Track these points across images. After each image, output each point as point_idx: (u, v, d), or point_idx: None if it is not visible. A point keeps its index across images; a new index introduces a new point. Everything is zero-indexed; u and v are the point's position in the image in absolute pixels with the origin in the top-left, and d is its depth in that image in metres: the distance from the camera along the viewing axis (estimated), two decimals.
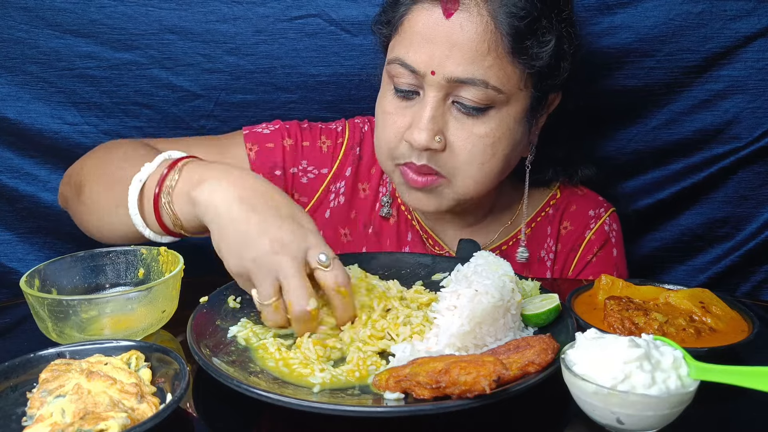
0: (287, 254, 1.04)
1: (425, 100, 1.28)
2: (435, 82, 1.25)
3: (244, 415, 0.94)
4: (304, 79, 1.71)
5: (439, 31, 1.24)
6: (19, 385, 0.93)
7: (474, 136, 1.29)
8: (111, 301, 1.08)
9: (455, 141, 1.29)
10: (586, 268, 1.53)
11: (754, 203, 1.72)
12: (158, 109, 1.74)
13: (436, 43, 1.24)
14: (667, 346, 0.89)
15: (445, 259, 1.36)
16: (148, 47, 1.67)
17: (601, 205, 1.57)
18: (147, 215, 1.19)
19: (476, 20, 1.23)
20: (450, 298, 1.04)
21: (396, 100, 1.33)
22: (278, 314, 1.06)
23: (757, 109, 1.64)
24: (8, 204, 1.74)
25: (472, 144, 1.29)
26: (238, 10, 1.66)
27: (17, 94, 1.69)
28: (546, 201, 1.56)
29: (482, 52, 1.23)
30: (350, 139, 1.56)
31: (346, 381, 0.97)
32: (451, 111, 1.29)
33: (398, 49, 1.30)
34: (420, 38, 1.26)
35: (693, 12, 1.59)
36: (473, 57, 1.23)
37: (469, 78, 1.24)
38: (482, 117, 1.28)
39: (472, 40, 1.23)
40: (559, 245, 1.54)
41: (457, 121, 1.29)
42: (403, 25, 1.30)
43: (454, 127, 1.29)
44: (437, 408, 0.86)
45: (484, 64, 1.23)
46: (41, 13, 1.64)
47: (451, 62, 1.23)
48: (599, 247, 1.53)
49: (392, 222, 1.55)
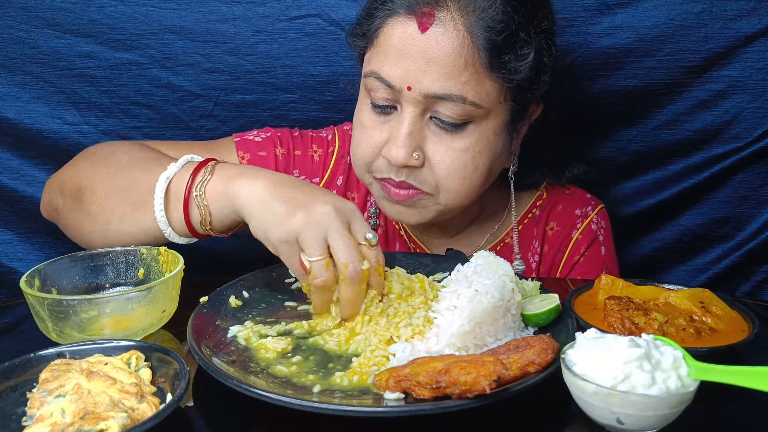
0: (339, 216, 1.06)
1: (402, 115, 1.26)
2: (411, 98, 1.23)
3: (244, 415, 0.94)
4: (304, 79, 1.71)
5: (414, 46, 1.21)
6: (19, 385, 0.93)
7: (453, 151, 1.26)
8: (111, 301, 1.08)
9: (434, 156, 1.27)
10: (574, 268, 1.52)
11: (755, 203, 1.72)
12: (158, 109, 1.74)
13: (412, 57, 1.21)
14: (667, 346, 0.89)
15: (446, 258, 1.36)
16: (147, 47, 1.68)
17: (588, 203, 1.56)
18: (172, 214, 1.20)
19: (452, 35, 1.20)
20: (450, 298, 1.04)
21: (373, 114, 1.31)
22: (329, 272, 1.06)
23: (757, 109, 1.64)
24: (8, 204, 1.74)
25: (451, 159, 1.27)
26: (238, 10, 1.67)
27: (17, 94, 1.69)
28: (532, 202, 1.55)
29: (459, 67, 1.20)
30: (341, 147, 1.55)
31: (350, 382, 0.97)
32: (429, 126, 1.27)
33: (374, 62, 1.27)
34: (395, 52, 1.23)
35: (693, 12, 1.59)
36: (450, 72, 1.20)
37: (446, 94, 1.21)
38: (461, 132, 1.26)
39: (449, 54, 1.20)
40: (546, 246, 1.53)
41: (436, 137, 1.27)
42: (378, 38, 1.27)
43: (433, 143, 1.27)
44: (437, 408, 0.86)
45: (461, 79, 1.21)
46: (41, 13, 1.64)
47: (428, 78, 1.21)
48: (586, 246, 1.51)
49: (380, 232, 1.55)
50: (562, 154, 1.54)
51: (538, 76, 1.29)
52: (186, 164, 1.21)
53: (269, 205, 1.09)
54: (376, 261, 1.10)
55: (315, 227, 1.06)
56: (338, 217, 1.07)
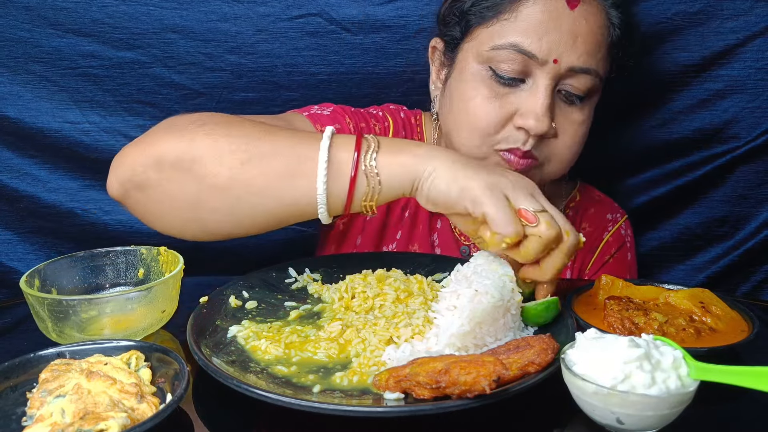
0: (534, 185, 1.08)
1: (538, 87, 1.29)
2: (553, 70, 1.28)
3: (244, 415, 0.94)
4: (305, 77, 1.71)
5: (563, 21, 1.27)
6: (19, 385, 0.93)
7: (574, 124, 1.34)
8: (111, 301, 1.08)
9: (560, 127, 1.33)
10: (603, 268, 1.56)
11: (753, 202, 1.72)
12: (160, 108, 1.74)
13: (560, 32, 1.26)
14: (667, 346, 0.89)
15: (446, 258, 1.36)
16: (149, 46, 1.68)
17: (618, 211, 1.62)
18: (334, 185, 1.09)
19: (597, 13, 1.29)
20: (450, 298, 1.04)
21: (495, 85, 1.32)
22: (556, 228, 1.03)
23: (756, 108, 1.64)
24: (8, 204, 1.74)
25: (573, 131, 1.34)
26: (239, 9, 1.67)
27: (19, 92, 1.69)
28: (566, 204, 1.58)
29: (600, 43, 1.30)
30: (395, 123, 1.55)
31: (350, 382, 0.97)
32: (556, 99, 1.32)
33: (512, 34, 1.29)
34: (542, 26, 1.27)
35: (690, 11, 1.60)
36: (594, 48, 1.29)
37: (588, 68, 1.29)
38: (581, 105, 1.34)
39: (594, 32, 1.28)
40: None
41: (560, 109, 1.33)
42: (516, 11, 1.29)
43: (559, 115, 1.33)
44: (437, 408, 0.86)
45: (599, 55, 1.30)
46: (43, 13, 1.64)
47: (575, 52, 1.27)
48: (616, 249, 1.56)
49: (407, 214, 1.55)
50: None
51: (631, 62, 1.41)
52: (333, 136, 1.12)
53: (461, 169, 1.06)
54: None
55: (523, 186, 1.06)
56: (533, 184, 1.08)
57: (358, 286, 1.20)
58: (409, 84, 1.69)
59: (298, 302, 1.21)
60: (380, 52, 1.66)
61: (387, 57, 1.67)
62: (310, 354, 1.04)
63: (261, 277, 1.27)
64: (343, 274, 1.27)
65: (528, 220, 1.02)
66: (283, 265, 1.31)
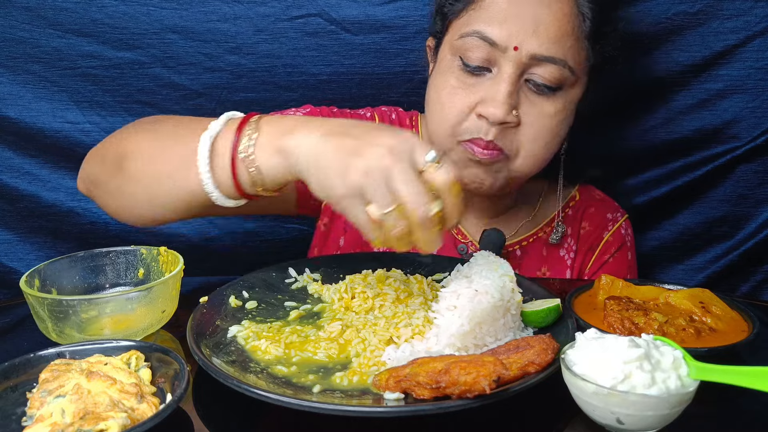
0: (397, 157, 0.97)
1: (501, 75, 1.28)
2: (515, 58, 1.26)
3: (244, 415, 0.94)
4: (305, 78, 1.71)
5: (524, 8, 1.26)
6: (19, 385, 0.93)
7: (543, 115, 1.31)
8: (111, 301, 1.08)
9: (525, 118, 1.31)
10: (603, 267, 1.55)
11: (753, 202, 1.72)
12: (160, 108, 1.73)
13: (522, 19, 1.26)
14: (667, 346, 0.89)
15: (445, 258, 1.36)
16: (149, 46, 1.68)
17: (618, 210, 1.61)
18: (219, 174, 1.10)
19: (563, 0, 1.27)
20: (450, 298, 1.04)
21: (463, 75, 1.33)
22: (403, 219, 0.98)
23: (756, 108, 1.64)
24: (8, 204, 1.74)
25: (540, 123, 1.31)
26: (239, 9, 1.67)
27: (19, 93, 1.69)
28: (566, 203, 1.58)
29: (566, 32, 1.27)
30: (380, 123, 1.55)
31: (350, 382, 0.97)
32: (523, 89, 1.31)
33: (476, 23, 1.30)
34: (504, 13, 1.27)
35: (691, 11, 1.59)
36: (557, 36, 1.26)
37: (551, 57, 1.27)
38: (552, 96, 1.31)
39: (558, 19, 1.26)
40: (579, 244, 1.56)
41: (528, 99, 1.31)
42: (483, 0, 1.30)
43: (525, 105, 1.31)
44: (437, 408, 0.86)
45: (566, 44, 1.27)
46: (43, 13, 1.64)
47: (536, 39, 1.26)
48: (616, 249, 1.56)
49: None
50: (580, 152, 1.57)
51: (617, 55, 1.38)
52: (228, 121, 1.12)
53: (325, 159, 1.01)
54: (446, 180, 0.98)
55: (375, 177, 0.97)
56: (395, 157, 0.98)
57: (358, 286, 1.20)
58: (408, 84, 1.69)
59: (298, 302, 1.21)
60: (380, 53, 1.66)
61: (387, 57, 1.67)
62: (310, 354, 1.04)
63: (261, 277, 1.27)
64: (343, 274, 1.27)
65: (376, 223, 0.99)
66: (283, 265, 1.31)
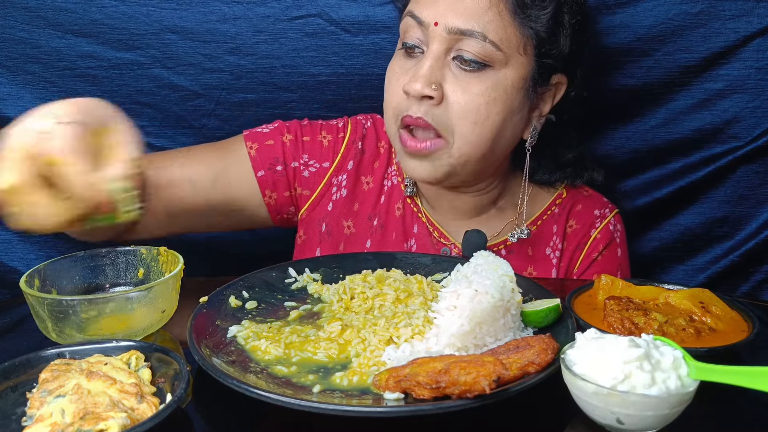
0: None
1: (427, 53, 1.33)
2: (437, 34, 1.31)
3: (244, 415, 0.94)
4: (305, 78, 1.71)
5: None
6: (19, 385, 0.93)
7: (469, 93, 1.32)
8: (111, 301, 1.08)
9: (451, 95, 1.32)
10: (591, 266, 1.55)
11: (753, 202, 1.72)
12: (160, 109, 1.74)
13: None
14: (667, 346, 0.89)
15: (445, 258, 1.36)
16: (149, 47, 1.68)
17: (606, 206, 1.59)
18: None
19: None
20: (450, 298, 1.04)
21: (402, 59, 1.39)
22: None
23: (756, 108, 1.64)
24: None
25: (466, 100, 1.32)
26: (239, 10, 1.67)
27: (18, 93, 1.69)
28: (552, 200, 1.57)
29: (483, 6, 1.30)
30: (352, 133, 1.59)
31: (350, 382, 0.97)
32: (450, 66, 1.33)
33: (412, 4, 1.38)
34: None
35: (692, 12, 1.59)
36: (474, 10, 1.30)
37: (469, 30, 1.29)
38: (480, 74, 1.32)
39: None
40: (565, 243, 1.56)
41: (455, 77, 1.33)
42: None
43: (451, 82, 1.33)
44: (437, 408, 0.86)
45: (484, 18, 1.30)
46: (42, 13, 1.64)
47: (453, 14, 1.30)
48: (604, 246, 1.54)
49: (398, 215, 1.56)
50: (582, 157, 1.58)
51: (558, 32, 1.37)
52: None
53: None
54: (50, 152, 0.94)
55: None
56: None
57: (357, 286, 1.21)
58: None
59: (298, 302, 1.22)
60: (380, 53, 1.66)
61: (387, 58, 1.66)
62: (310, 354, 1.04)
63: (261, 277, 1.27)
64: (343, 274, 1.27)
65: None
66: (283, 265, 1.31)
